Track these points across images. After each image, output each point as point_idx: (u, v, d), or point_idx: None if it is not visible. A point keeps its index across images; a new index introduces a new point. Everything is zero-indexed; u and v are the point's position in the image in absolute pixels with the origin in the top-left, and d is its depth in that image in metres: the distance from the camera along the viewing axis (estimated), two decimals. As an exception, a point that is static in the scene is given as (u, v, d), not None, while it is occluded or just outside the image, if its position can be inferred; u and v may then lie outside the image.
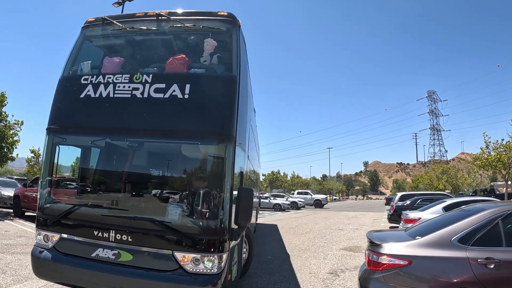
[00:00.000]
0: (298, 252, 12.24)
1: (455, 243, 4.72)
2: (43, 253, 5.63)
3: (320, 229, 19.63)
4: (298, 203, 43.85)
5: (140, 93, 5.56)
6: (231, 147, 5.27)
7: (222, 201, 5.12)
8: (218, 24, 6.09)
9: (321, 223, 23.47)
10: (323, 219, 27.06)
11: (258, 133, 16.57)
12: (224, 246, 5.09)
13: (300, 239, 15.43)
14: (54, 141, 5.98)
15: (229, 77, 5.77)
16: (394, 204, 22.33)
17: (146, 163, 6.49)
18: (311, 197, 52.11)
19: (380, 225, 22.11)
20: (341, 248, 13.21)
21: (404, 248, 4.92)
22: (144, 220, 5.27)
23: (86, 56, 6.48)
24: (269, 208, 39.46)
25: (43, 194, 6.00)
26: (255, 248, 12.37)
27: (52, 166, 6.02)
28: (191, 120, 5.42)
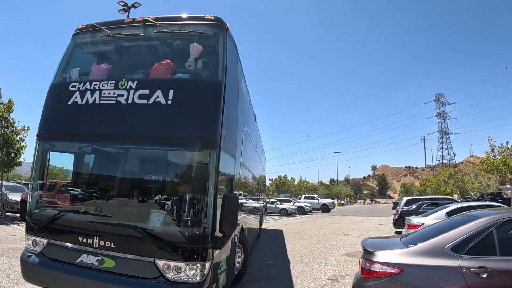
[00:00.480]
0: (300, 257, 12.18)
1: (448, 251, 4.66)
2: (31, 257, 5.70)
3: (324, 234, 19.51)
4: (304, 208, 43.64)
5: (125, 99, 5.53)
6: (214, 154, 5.19)
7: (205, 208, 5.04)
8: (204, 28, 6.00)
9: (326, 228, 23.32)
10: (328, 224, 26.93)
11: (262, 138, 16.48)
12: (207, 254, 5.01)
13: (304, 244, 15.35)
14: (44, 148, 6.06)
15: (214, 82, 5.68)
16: (400, 209, 22.13)
17: (130, 169, 6.44)
18: (318, 201, 51.73)
19: (385, 230, 21.91)
20: (343, 253, 13.09)
21: (396, 256, 4.88)
22: (126, 226, 5.22)
23: (77, 63, 6.49)
24: (275, 213, 39.27)
25: (33, 199, 6.08)
26: (258, 253, 12.48)
27: (41, 172, 6.11)
28: (174, 126, 5.37)
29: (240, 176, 7.98)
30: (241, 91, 7.81)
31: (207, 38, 6.04)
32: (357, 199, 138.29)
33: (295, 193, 77.35)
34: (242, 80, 7.93)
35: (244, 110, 8.40)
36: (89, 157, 6.70)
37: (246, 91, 8.92)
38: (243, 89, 8.07)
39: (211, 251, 5.07)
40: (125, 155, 6.34)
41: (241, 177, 8.17)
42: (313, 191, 79.66)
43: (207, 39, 6.04)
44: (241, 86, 7.73)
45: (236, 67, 6.98)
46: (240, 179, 8.01)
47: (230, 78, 6.12)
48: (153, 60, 6.06)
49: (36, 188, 6.05)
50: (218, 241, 5.23)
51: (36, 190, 6.05)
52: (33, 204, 6.06)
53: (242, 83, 8.04)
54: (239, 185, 7.99)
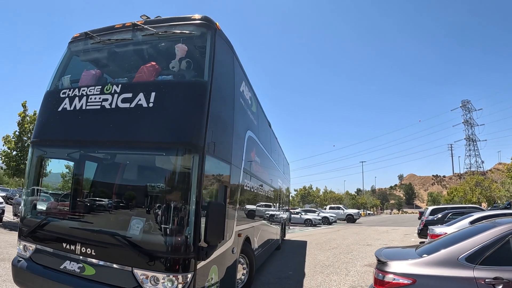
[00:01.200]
0: (321, 268, 11.96)
1: (462, 261, 4.46)
2: (20, 262, 5.73)
3: (348, 245, 19.09)
4: (329, 218, 43.03)
5: (109, 104, 5.43)
6: (197, 158, 4.89)
7: (187, 216, 4.78)
8: (191, 28, 5.78)
9: (350, 239, 22.82)
10: (353, 234, 26.43)
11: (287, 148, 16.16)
12: (188, 265, 4.74)
13: (326, 255, 15.06)
14: (36, 154, 6.09)
15: (197, 83, 5.47)
16: (425, 218, 21.68)
17: (112, 175, 6.37)
18: (343, 212, 51.06)
19: (410, 240, 21.32)
20: (365, 264, 12.77)
21: (409, 267, 4.70)
22: (105, 233, 5.10)
23: (71, 70, 6.49)
24: (300, 224, 38.99)
25: (25, 205, 6.13)
26: (278, 263, 12.46)
27: (34, 178, 6.13)
28: (156, 130, 5.17)
29: (243, 184, 7.65)
30: (241, 94, 7.54)
31: (195, 38, 5.85)
32: (384, 209, 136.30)
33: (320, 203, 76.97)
34: (242, 83, 7.67)
35: (246, 114, 8.07)
36: (75, 163, 6.59)
37: (250, 95, 8.59)
38: (243, 93, 7.76)
39: (193, 262, 4.79)
40: (108, 161, 6.27)
41: (245, 185, 7.80)
42: (338, 201, 79.06)
43: (194, 40, 5.86)
44: (240, 89, 7.48)
45: (231, 69, 6.78)
46: (243, 187, 7.65)
47: (222, 80, 5.98)
48: (142, 63, 5.90)
49: (28, 194, 6.10)
50: (201, 252, 4.90)
51: (29, 196, 6.09)
52: (25, 209, 6.11)
53: (243, 86, 7.77)
54: (242, 193, 7.59)
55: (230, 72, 6.70)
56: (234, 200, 6.83)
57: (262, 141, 10.25)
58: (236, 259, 7.04)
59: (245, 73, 8.05)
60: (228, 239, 6.29)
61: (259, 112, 10.16)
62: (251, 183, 8.60)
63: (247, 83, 8.17)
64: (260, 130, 9.97)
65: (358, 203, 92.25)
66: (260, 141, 9.85)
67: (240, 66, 7.51)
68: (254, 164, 8.92)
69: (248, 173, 8.14)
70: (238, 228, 7.09)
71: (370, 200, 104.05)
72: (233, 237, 6.64)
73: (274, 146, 14.07)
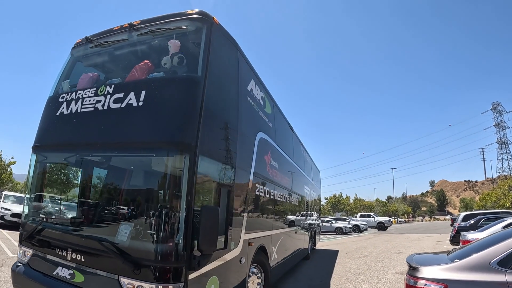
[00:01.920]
0: (352, 276, 11.72)
1: (494, 266, 4.32)
2: (19, 267, 5.70)
3: (379, 253, 18.63)
4: (360, 226, 42.69)
5: (102, 105, 5.23)
6: (188, 159, 4.48)
7: (177, 222, 4.36)
8: (186, 23, 5.47)
9: (381, 247, 22.30)
10: (384, 242, 25.85)
11: (317, 157, 15.67)
12: (178, 276, 4.31)
13: (357, 263, 14.75)
14: (37, 159, 6.04)
15: (189, 78, 5.08)
16: (457, 225, 21.24)
17: (104, 179, 6.16)
18: (374, 219, 50.43)
19: (442, 247, 20.68)
20: (397, 272, 12.41)
21: (441, 272, 4.58)
22: (92, 239, 4.83)
23: (73, 75, 6.37)
24: (330, 232, 38.61)
25: (25, 211, 6.07)
26: (309, 272, 12.42)
27: (35, 184, 6.10)
28: (145, 130, 4.84)
29: (255, 189, 7.10)
30: (249, 93, 7.03)
31: (189, 34, 5.53)
32: (415, 216, 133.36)
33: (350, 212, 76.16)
34: (250, 81, 7.15)
35: (257, 115, 7.54)
36: (71, 168, 6.47)
37: (263, 95, 8.08)
38: (252, 92, 7.22)
39: (184, 272, 4.36)
40: (100, 164, 5.98)
41: (256, 190, 7.22)
42: (369, 209, 78.01)
43: (189, 35, 5.54)
44: (247, 88, 6.99)
45: (234, 66, 6.38)
46: (254, 192, 7.09)
47: (221, 76, 5.72)
48: (137, 63, 5.62)
49: (29, 199, 6.08)
50: (193, 261, 4.44)
51: (29, 201, 6.07)
52: (25, 215, 6.04)
53: (251, 85, 7.25)
54: (253, 199, 7.03)
55: (233, 69, 6.33)
56: (241, 205, 6.29)
57: (280, 145, 9.68)
58: (247, 270, 6.55)
59: (255, 72, 7.61)
60: (234, 248, 5.83)
61: (276, 115, 9.62)
62: (266, 188, 7.99)
63: (257, 83, 7.68)
64: (277, 133, 9.41)
65: (389, 211, 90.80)
66: (277, 145, 9.27)
67: (248, 64, 7.07)
68: (269, 168, 8.33)
69: (261, 178, 7.58)
70: (249, 236, 6.58)
71: (401, 208, 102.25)
72: (240, 246, 6.14)
73: (297, 151, 13.44)
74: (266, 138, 8.04)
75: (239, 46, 6.54)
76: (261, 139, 7.56)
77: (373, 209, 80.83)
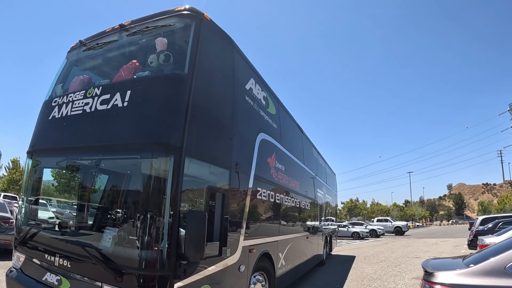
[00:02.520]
0: (368, 281, 11.50)
1: (510, 270, 4.21)
2: (12, 273, 5.64)
3: (396, 258, 18.24)
4: (377, 231, 42.10)
5: (89, 107, 5.04)
6: (173, 160, 4.20)
7: (161, 227, 4.09)
8: (174, 20, 5.24)
9: (398, 251, 21.88)
10: (401, 247, 25.37)
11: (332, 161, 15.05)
12: (163, 284, 4.06)
13: (373, 268, 14.50)
14: (31, 164, 5.98)
15: (174, 76, 4.86)
16: (475, 228, 20.87)
17: (92, 183, 5.97)
18: (391, 224, 49.70)
19: (460, 252, 20.20)
20: (413, 277, 12.11)
21: (455, 277, 4.50)
22: (77, 245, 4.64)
23: (68, 79, 6.25)
24: (347, 237, 38.21)
25: (20, 216, 6.01)
26: (325, 277, 12.35)
27: (29, 188, 5.98)
28: (129, 131, 4.63)
29: (256, 193, 6.71)
30: (247, 92, 6.64)
31: (177, 31, 5.31)
32: (433, 220, 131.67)
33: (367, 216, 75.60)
34: (249, 80, 6.77)
35: (258, 116, 7.16)
36: (61, 171, 6.30)
37: (265, 95, 7.70)
38: (251, 91, 6.83)
39: (168, 281, 4.09)
40: (89, 167, 5.81)
41: (258, 194, 6.81)
42: (386, 214, 77.41)
43: (176, 32, 5.33)
44: (246, 87, 6.56)
45: (229, 64, 6.06)
46: (255, 197, 6.69)
47: (212, 74, 5.47)
48: (126, 63, 5.43)
49: (23, 204, 6.02)
50: (178, 269, 4.13)
51: (23, 206, 6.00)
52: (19, 220, 5.97)
53: (251, 84, 6.80)
54: (254, 203, 6.64)
55: (227, 66, 6.01)
56: (238, 210, 5.94)
57: (287, 147, 9.23)
58: (247, 278, 6.19)
59: (256, 70, 7.23)
60: (230, 255, 5.47)
61: (282, 116, 9.18)
62: (270, 192, 7.56)
63: (258, 82, 7.27)
64: (283, 134, 8.97)
65: (406, 215, 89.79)
66: (283, 147, 8.83)
67: (246, 62, 6.71)
68: (274, 171, 7.94)
69: (264, 181, 7.16)
70: (249, 242, 6.21)
71: (418, 212, 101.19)
72: (239, 253, 5.78)
73: (308, 153, 12.96)
74: (269, 140, 7.66)
75: (235, 43, 6.21)
76: (262, 141, 7.19)
77: (390, 214, 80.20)
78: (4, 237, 11.15)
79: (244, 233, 6.02)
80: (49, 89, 6.35)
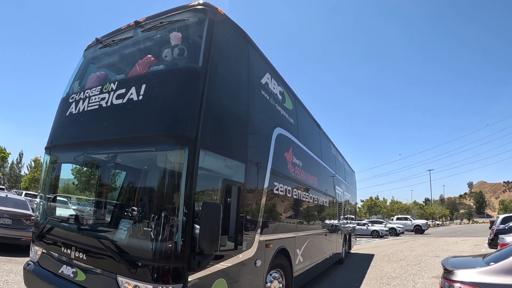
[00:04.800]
0: (387, 280, 11.41)
1: None
2: (29, 266, 5.71)
3: (415, 256, 17.99)
4: (396, 229, 41.43)
5: (105, 102, 5.11)
6: (187, 153, 4.21)
7: (176, 219, 4.09)
8: (188, 15, 5.25)
9: (418, 250, 21.58)
10: (421, 246, 25.01)
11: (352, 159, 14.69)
12: (177, 276, 4.05)
13: (393, 267, 14.34)
14: (49, 160, 6.09)
15: (188, 69, 4.84)
16: (496, 227, 20.48)
17: (108, 176, 6.00)
18: (411, 222, 48.93)
19: (481, 251, 19.79)
20: (433, 276, 11.95)
21: (476, 275, 4.48)
22: (92, 237, 4.70)
23: (85, 76, 6.35)
24: (366, 235, 37.85)
25: (38, 210, 6.15)
26: (344, 275, 12.31)
27: (47, 184, 6.10)
28: (144, 124, 4.66)
29: (273, 188, 6.65)
30: (263, 87, 6.59)
31: (191, 25, 5.32)
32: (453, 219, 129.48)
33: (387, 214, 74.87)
34: (265, 75, 6.72)
35: (274, 110, 7.12)
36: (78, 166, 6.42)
37: (281, 90, 7.62)
38: (267, 86, 6.78)
39: (182, 273, 4.09)
40: (105, 161, 5.82)
41: (274, 188, 6.77)
42: (406, 212, 76.49)
43: (191, 26, 5.33)
44: (262, 81, 6.57)
45: (244, 58, 6.04)
46: (272, 191, 6.65)
47: (227, 68, 5.48)
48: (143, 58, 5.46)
49: (41, 199, 6.12)
50: (193, 261, 4.14)
51: (42, 201, 6.10)
52: (37, 214, 6.13)
53: (266, 78, 6.80)
54: (271, 198, 6.61)
55: (242, 60, 6.00)
56: (255, 204, 5.90)
57: (304, 143, 9.14)
58: (263, 273, 6.13)
59: (272, 65, 7.18)
60: (246, 249, 5.44)
61: (299, 111, 9.09)
62: (287, 187, 7.50)
63: (274, 77, 7.22)
64: (300, 130, 8.87)
65: (426, 213, 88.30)
66: (301, 142, 8.75)
67: (261, 57, 6.69)
68: (291, 166, 7.88)
69: (281, 176, 7.13)
70: (266, 237, 6.18)
71: (438, 210, 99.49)
72: (255, 247, 5.75)
73: (326, 150, 12.82)
74: (286, 135, 7.59)
75: (249, 37, 6.20)
76: (279, 135, 7.13)
77: (410, 212, 79.19)
78: (25, 234, 11.28)
79: (260, 228, 5.99)
80: (66, 87, 6.44)
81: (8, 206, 11.74)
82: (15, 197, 14.07)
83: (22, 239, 11.38)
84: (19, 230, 11.38)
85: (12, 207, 11.84)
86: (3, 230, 11.11)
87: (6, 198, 12.66)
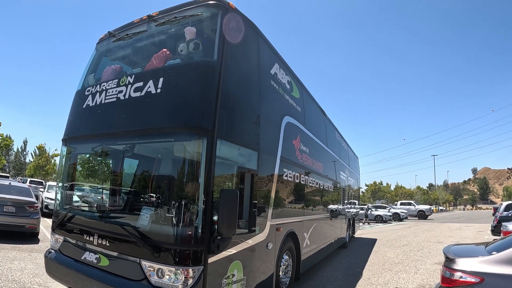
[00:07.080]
0: (390, 265, 11.48)
1: None
2: (51, 253, 5.88)
3: (418, 242, 18.07)
4: (400, 215, 41.47)
5: (123, 95, 5.30)
6: (205, 142, 4.42)
7: (196, 205, 4.35)
8: (201, 10, 5.40)
9: (421, 236, 21.62)
10: (424, 231, 25.01)
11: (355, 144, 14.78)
12: (197, 259, 4.29)
13: (395, 252, 14.43)
14: (66, 151, 6.30)
15: (204, 63, 5.01)
16: (499, 214, 20.38)
17: (125, 166, 6.18)
18: (414, 208, 48.84)
19: (483, 238, 19.81)
20: (435, 262, 11.99)
21: (477, 264, 4.41)
22: (115, 224, 4.96)
23: (99, 69, 6.50)
24: (370, 220, 37.92)
25: (57, 200, 6.37)
26: (347, 260, 12.29)
27: (65, 174, 6.33)
28: (163, 116, 4.85)
29: (282, 174, 6.88)
30: (272, 77, 6.76)
31: (205, 20, 5.48)
32: (457, 205, 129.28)
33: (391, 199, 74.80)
34: (274, 65, 6.93)
35: (283, 99, 7.34)
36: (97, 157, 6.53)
37: (289, 79, 7.75)
38: (276, 76, 6.99)
39: (202, 255, 4.33)
40: (124, 152, 5.96)
41: (284, 175, 6.99)
42: (409, 197, 76.33)
43: (204, 21, 5.50)
44: (271, 72, 6.72)
45: (255, 50, 6.17)
46: (282, 177, 6.87)
47: (239, 60, 5.60)
48: (158, 52, 5.59)
49: (60, 189, 6.33)
50: (212, 244, 4.40)
51: (60, 190, 6.32)
52: (57, 203, 6.33)
53: (275, 69, 6.96)
54: (281, 184, 6.80)
55: (253, 52, 6.13)
56: (265, 190, 6.13)
57: (311, 130, 9.35)
58: (274, 256, 6.40)
59: (280, 55, 7.33)
60: (259, 232, 5.68)
61: (306, 99, 9.28)
62: (295, 173, 7.75)
63: (282, 67, 7.37)
64: (307, 118, 9.07)
65: (430, 199, 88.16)
66: (307, 130, 8.96)
67: (270, 48, 6.83)
68: (299, 153, 8.09)
69: (290, 162, 7.36)
70: (276, 221, 6.43)
71: (442, 196, 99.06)
72: (267, 231, 6.02)
73: (331, 136, 12.97)
74: (294, 123, 7.81)
75: (259, 30, 6.37)
76: (288, 123, 7.35)
77: (413, 197, 79.04)
78: (29, 221, 11.48)
79: (271, 212, 6.22)
80: (81, 79, 6.59)
81: (12, 194, 11.85)
82: (19, 184, 14.24)
83: (25, 226, 11.54)
84: (22, 218, 11.49)
85: (15, 194, 11.93)
86: (6, 218, 11.23)
87: (10, 186, 12.79)
